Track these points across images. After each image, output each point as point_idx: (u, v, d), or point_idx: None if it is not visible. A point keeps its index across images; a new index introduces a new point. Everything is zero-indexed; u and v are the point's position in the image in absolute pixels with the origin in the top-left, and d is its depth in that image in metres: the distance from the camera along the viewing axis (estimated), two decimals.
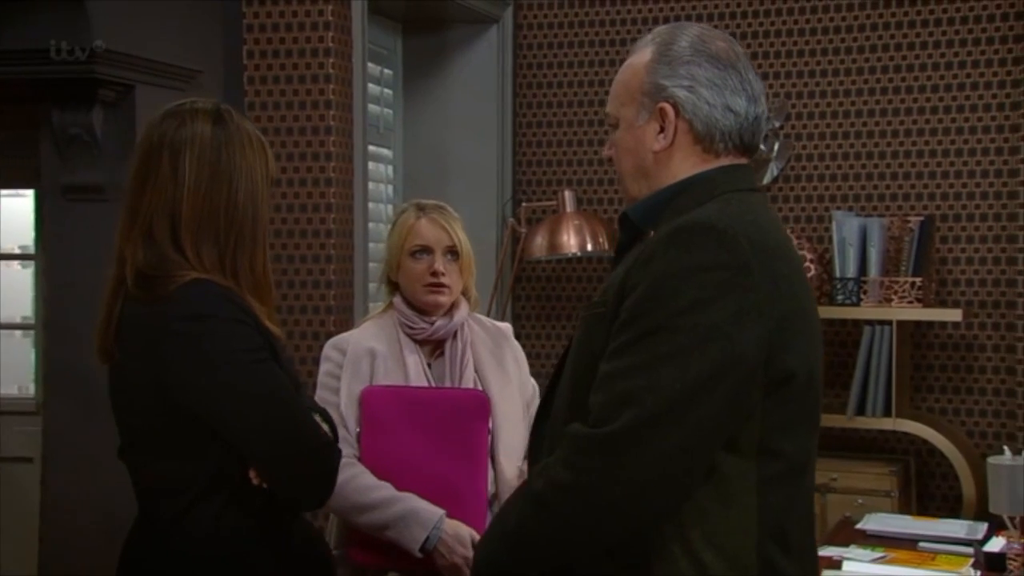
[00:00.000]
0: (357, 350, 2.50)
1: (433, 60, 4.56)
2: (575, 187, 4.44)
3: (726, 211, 1.55)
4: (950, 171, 4.11)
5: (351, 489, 2.37)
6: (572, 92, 4.54)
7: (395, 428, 2.44)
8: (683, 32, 1.66)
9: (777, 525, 1.53)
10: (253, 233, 1.88)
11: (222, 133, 1.87)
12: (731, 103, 1.62)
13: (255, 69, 3.56)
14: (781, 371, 1.50)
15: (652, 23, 4.41)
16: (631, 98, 1.66)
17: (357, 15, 3.59)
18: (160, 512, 1.87)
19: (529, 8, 4.59)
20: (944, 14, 4.10)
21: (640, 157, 1.66)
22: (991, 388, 4.09)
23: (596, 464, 1.46)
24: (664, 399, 1.44)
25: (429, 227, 2.53)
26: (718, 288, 1.46)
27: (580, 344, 1.63)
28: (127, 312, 1.85)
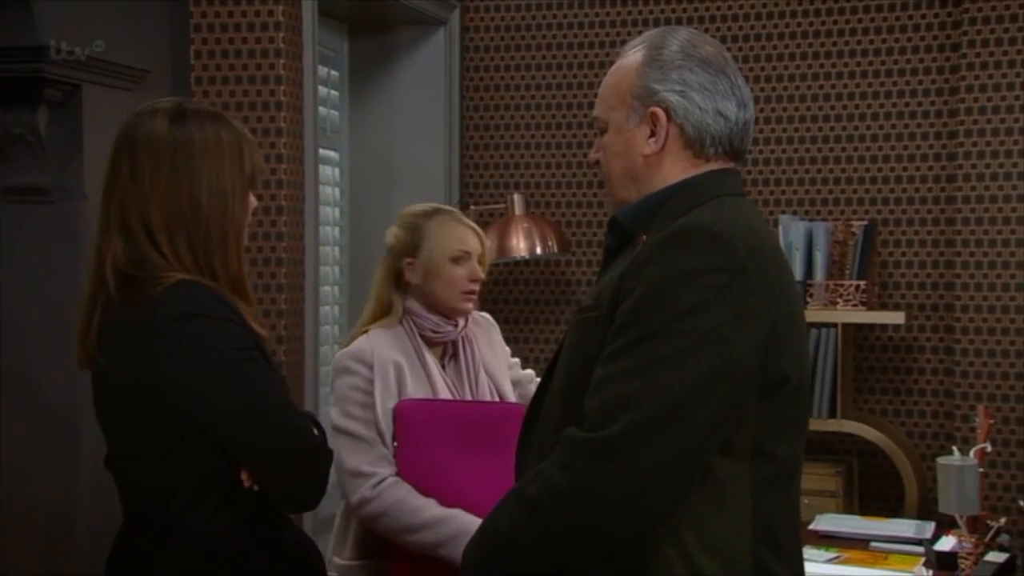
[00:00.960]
0: (383, 363, 2.44)
1: (380, 62, 4.53)
2: (524, 190, 4.45)
3: (720, 215, 1.56)
4: (891, 176, 4.19)
5: (403, 510, 2.35)
6: (520, 95, 4.54)
7: (433, 442, 2.39)
8: (673, 36, 1.66)
9: (769, 528, 1.55)
10: (223, 232, 1.84)
11: (179, 131, 1.83)
12: (722, 108, 1.63)
13: (203, 70, 3.50)
14: (775, 374, 1.52)
15: (599, 27, 4.44)
16: (621, 101, 1.66)
17: (308, 16, 3.55)
18: (151, 517, 1.84)
19: (476, 11, 4.59)
20: (884, 22, 4.18)
21: (630, 161, 1.66)
22: (930, 389, 4.18)
23: (593, 468, 1.45)
24: (662, 403, 1.44)
25: (468, 232, 2.52)
26: (715, 292, 1.47)
27: (572, 349, 1.62)
28: (111, 316, 1.81)
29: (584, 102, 4.47)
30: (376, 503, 2.38)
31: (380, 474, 2.39)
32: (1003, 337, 3.98)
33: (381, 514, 2.38)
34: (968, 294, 4.02)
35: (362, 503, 2.39)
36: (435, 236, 2.51)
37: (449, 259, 2.49)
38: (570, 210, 4.51)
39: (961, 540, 2.70)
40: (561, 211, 4.50)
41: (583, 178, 4.50)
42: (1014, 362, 3.97)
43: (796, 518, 1.66)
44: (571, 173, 4.51)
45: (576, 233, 4.49)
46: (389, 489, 2.38)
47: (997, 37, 3.97)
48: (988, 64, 3.99)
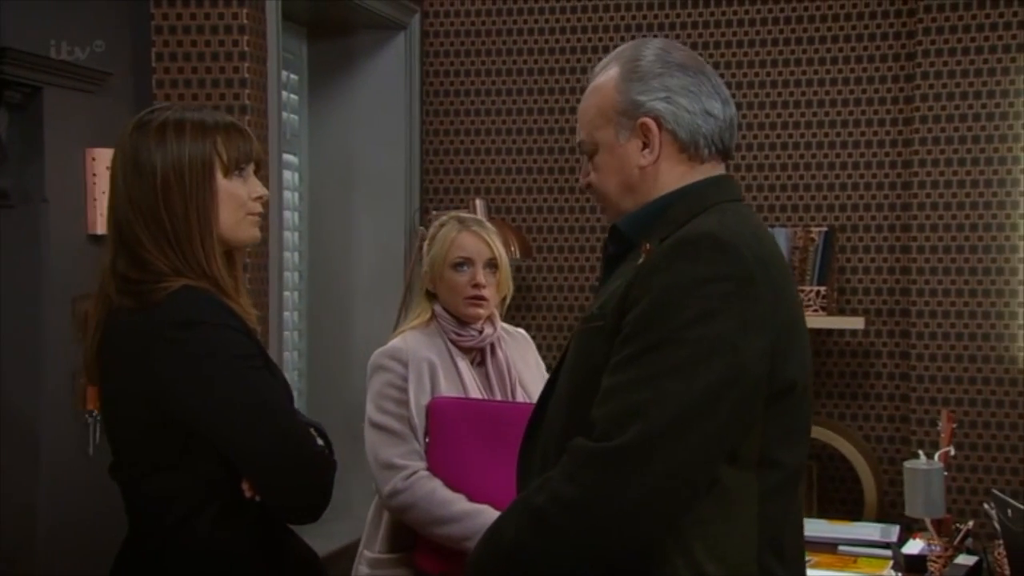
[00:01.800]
0: (417, 361, 2.51)
1: (339, 66, 4.50)
2: (485, 195, 4.44)
3: (726, 222, 1.56)
4: (848, 183, 4.25)
5: (432, 502, 2.42)
6: (480, 100, 4.54)
7: (466, 440, 2.45)
8: (645, 46, 1.67)
9: (775, 535, 1.55)
10: (187, 222, 1.80)
11: (139, 129, 1.84)
12: (708, 107, 1.63)
13: (165, 72, 3.45)
14: (782, 381, 1.52)
15: (559, 33, 4.45)
16: (606, 120, 1.66)
17: (271, 19, 3.51)
18: (153, 525, 1.82)
19: (436, 16, 4.57)
20: (841, 31, 4.24)
21: (626, 175, 1.66)
22: (887, 394, 4.24)
23: (602, 478, 1.44)
24: (670, 412, 1.43)
25: (471, 239, 2.57)
26: (723, 300, 1.47)
27: (577, 359, 1.61)
28: (113, 323, 1.79)
29: (544, 107, 4.48)
30: (407, 494, 2.43)
31: (412, 467, 2.45)
32: (957, 342, 4.05)
33: (411, 505, 2.44)
34: (924, 299, 4.09)
35: (393, 494, 2.45)
36: (438, 244, 2.60)
37: (449, 266, 2.56)
38: (531, 215, 4.51)
39: (930, 543, 2.73)
40: (522, 216, 4.50)
41: (544, 184, 4.50)
42: (967, 367, 4.05)
43: (800, 524, 1.67)
44: (532, 179, 4.51)
45: (537, 239, 4.49)
46: (420, 482, 2.44)
47: (951, 47, 4.04)
48: (942, 73, 4.06)
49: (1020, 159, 3.99)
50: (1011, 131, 4.00)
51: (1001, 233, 4.03)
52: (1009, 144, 4.01)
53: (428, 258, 2.62)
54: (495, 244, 2.59)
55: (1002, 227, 4.03)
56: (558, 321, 4.50)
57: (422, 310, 2.63)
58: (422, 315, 2.62)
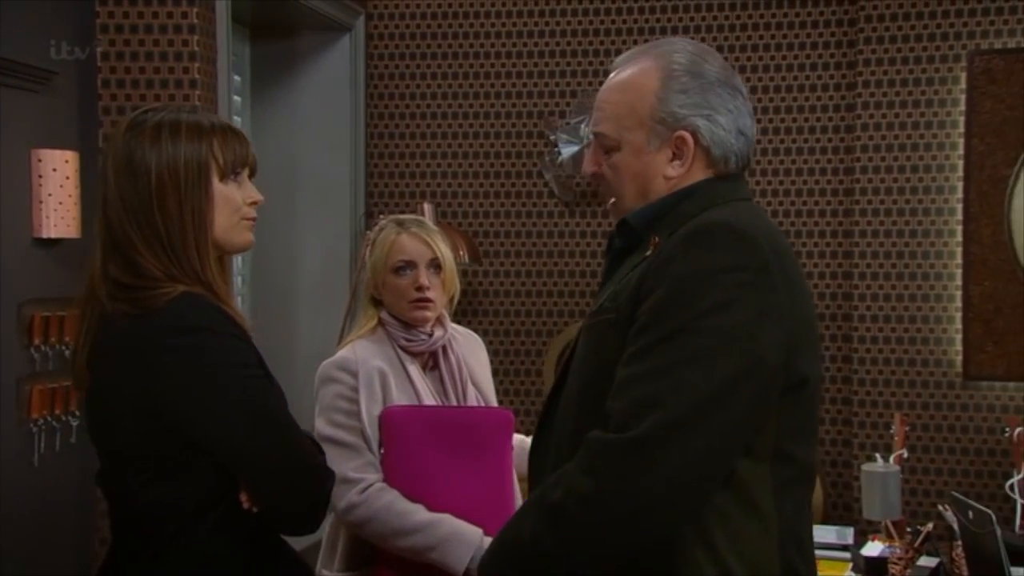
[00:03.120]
0: (368, 370, 2.44)
1: (283, 67, 4.43)
2: (432, 199, 4.41)
3: (739, 214, 1.56)
4: (791, 189, 4.31)
5: (391, 514, 2.35)
6: (427, 104, 4.51)
7: (421, 448, 2.40)
8: (680, 52, 1.64)
9: (793, 530, 1.54)
10: (182, 224, 1.75)
11: (133, 130, 1.79)
12: (742, 126, 1.64)
13: (111, 72, 3.35)
14: (796, 374, 1.51)
15: (505, 37, 4.44)
16: (639, 123, 1.63)
17: (221, 19, 3.44)
18: (146, 537, 1.76)
19: (380, 18, 4.53)
20: (784, 39, 4.30)
21: (647, 180, 1.64)
22: (828, 397, 4.30)
23: (620, 470, 1.41)
24: (688, 402, 1.41)
25: (411, 242, 2.51)
26: (740, 289, 1.46)
27: (587, 352, 1.59)
28: (107, 330, 1.74)
29: (491, 111, 4.46)
30: (363, 508, 2.36)
31: (367, 480, 2.38)
32: (898, 346, 4.13)
33: (369, 519, 2.37)
34: (865, 304, 4.16)
35: (349, 508, 2.37)
36: (378, 248, 2.54)
37: (391, 270, 2.50)
38: (477, 220, 4.49)
39: (890, 545, 2.78)
40: (468, 221, 4.48)
41: (491, 188, 4.48)
42: (907, 370, 4.13)
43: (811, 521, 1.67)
44: (479, 183, 4.49)
45: (484, 243, 4.47)
46: (376, 494, 2.38)
47: (891, 57, 4.13)
48: (883, 82, 4.14)
49: (958, 167, 4.09)
50: (948, 139, 4.10)
51: (940, 239, 4.12)
52: (947, 152, 4.10)
53: (369, 264, 2.56)
54: (436, 244, 2.54)
55: (940, 233, 4.12)
56: (504, 326, 4.48)
57: (368, 318, 2.57)
58: (368, 323, 2.56)
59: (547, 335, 4.45)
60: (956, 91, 4.09)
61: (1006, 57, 4.01)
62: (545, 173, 4.42)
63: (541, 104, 4.43)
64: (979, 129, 4.04)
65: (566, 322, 4.42)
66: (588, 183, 4.38)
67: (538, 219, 4.45)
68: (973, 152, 4.05)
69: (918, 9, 4.10)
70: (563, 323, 4.43)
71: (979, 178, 4.04)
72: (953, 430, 4.10)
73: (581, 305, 4.44)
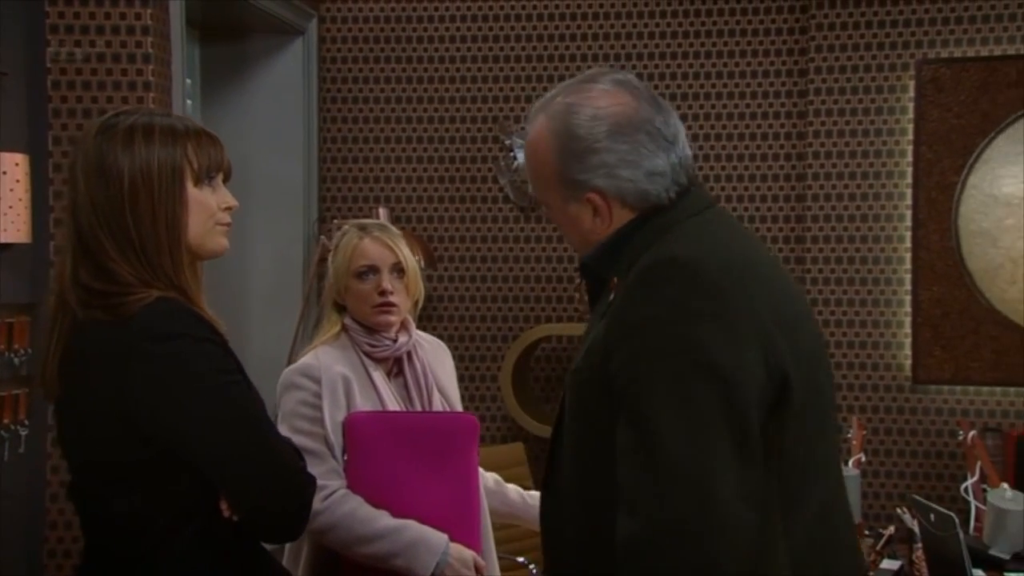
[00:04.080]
0: (331, 376, 2.41)
1: (234, 70, 4.37)
2: (387, 204, 4.38)
3: (687, 241, 1.54)
4: (744, 195, 4.34)
5: (354, 521, 2.32)
6: (380, 108, 4.47)
7: (385, 454, 2.37)
8: (578, 109, 1.60)
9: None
10: (155, 228, 1.72)
11: (105, 133, 1.75)
12: (651, 167, 1.59)
13: (61, 73, 3.28)
14: (778, 386, 1.48)
15: (460, 41, 4.42)
16: (549, 185, 1.63)
17: (175, 21, 3.38)
18: (123, 549, 1.71)
19: (333, 21, 4.49)
20: (737, 47, 4.33)
21: (581, 231, 1.64)
22: None
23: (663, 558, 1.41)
24: (687, 480, 1.40)
25: (373, 246, 2.48)
26: (697, 323, 1.44)
27: (574, 414, 1.58)
28: (80, 337, 1.69)
29: (446, 116, 4.44)
30: (326, 515, 2.32)
31: (331, 486, 2.35)
32: (849, 350, 4.19)
33: (332, 526, 2.33)
34: (816, 309, 4.20)
35: (312, 516, 2.31)
36: (340, 253, 2.51)
37: (353, 275, 2.48)
38: (432, 225, 4.47)
39: None
40: (423, 226, 4.45)
41: (445, 192, 4.46)
42: (859, 374, 4.18)
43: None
44: (433, 188, 4.47)
45: (439, 248, 4.45)
46: (339, 501, 2.34)
47: (842, 65, 4.18)
48: (834, 90, 4.19)
49: (907, 174, 4.15)
50: (898, 147, 4.16)
51: (889, 245, 4.18)
52: (896, 159, 4.17)
53: (332, 269, 2.53)
54: (399, 248, 2.52)
55: (890, 239, 4.18)
56: (460, 331, 4.46)
57: (332, 323, 2.54)
58: (332, 328, 2.53)
59: (502, 340, 4.43)
60: (905, 99, 4.15)
61: (953, 66, 4.08)
62: (500, 178, 4.41)
63: (496, 109, 4.42)
64: (927, 137, 4.11)
65: (521, 328, 4.41)
66: None
67: (493, 224, 4.44)
68: (921, 159, 4.11)
69: (867, 19, 4.16)
70: (519, 328, 4.42)
71: (927, 185, 4.11)
72: (903, 433, 4.16)
73: (536, 311, 4.43)
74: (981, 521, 3.05)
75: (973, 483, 3.09)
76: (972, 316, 4.07)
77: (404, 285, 2.49)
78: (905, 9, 4.13)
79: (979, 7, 4.07)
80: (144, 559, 1.70)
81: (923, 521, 2.61)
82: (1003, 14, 4.06)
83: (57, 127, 3.26)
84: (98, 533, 1.77)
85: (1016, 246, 4.02)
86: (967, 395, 4.12)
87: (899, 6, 4.14)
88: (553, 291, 4.43)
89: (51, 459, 3.24)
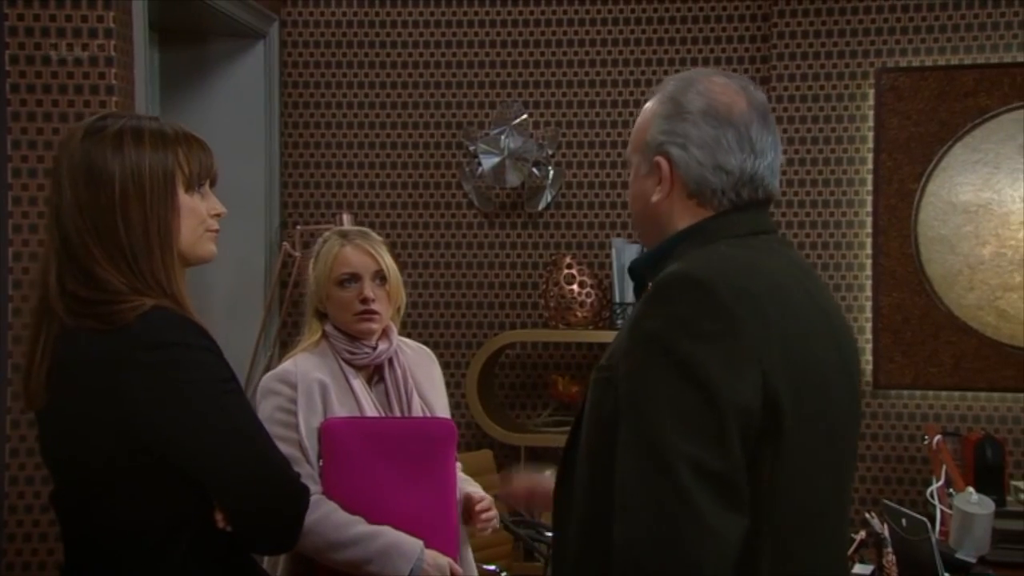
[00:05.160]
0: (307, 382, 2.40)
1: (193, 74, 4.31)
2: (351, 210, 4.34)
3: (710, 260, 1.55)
4: None
5: (328, 526, 2.29)
6: (342, 113, 4.44)
7: (361, 460, 2.36)
8: (693, 84, 1.65)
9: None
10: (147, 235, 1.69)
11: (91, 138, 1.71)
12: (723, 162, 1.61)
13: (20, 76, 3.22)
14: (773, 415, 1.47)
15: (423, 46, 4.40)
16: (638, 146, 1.69)
17: (138, 23, 3.32)
18: (115, 561, 1.68)
19: (295, 25, 4.45)
20: (700, 54, 4.36)
21: (643, 204, 1.68)
22: None
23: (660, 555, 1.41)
24: (676, 481, 1.42)
25: (355, 254, 2.48)
26: (700, 342, 1.45)
27: (591, 410, 1.59)
28: (71, 346, 1.65)
29: (409, 121, 4.42)
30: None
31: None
32: None
33: (306, 532, 2.29)
34: None
35: None
36: (322, 261, 2.52)
37: (335, 283, 2.48)
38: (395, 231, 4.44)
39: None
40: (387, 232, 4.42)
41: (408, 199, 4.44)
42: None
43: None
44: (396, 194, 4.44)
45: (403, 254, 4.42)
46: (313, 506, 2.31)
47: (802, 73, 4.22)
48: (795, 97, 4.23)
49: (867, 181, 4.20)
50: (858, 154, 4.21)
51: (850, 251, 4.22)
52: (857, 167, 4.21)
53: (313, 276, 2.53)
54: (381, 255, 2.52)
55: (851, 245, 4.22)
56: (424, 338, 4.42)
57: (312, 331, 2.53)
58: (312, 336, 2.52)
59: (467, 347, 4.42)
60: (865, 107, 4.20)
61: (911, 75, 4.13)
62: (465, 184, 4.39)
63: (460, 114, 4.41)
64: (887, 144, 4.15)
65: (486, 334, 4.39)
66: (508, 194, 4.37)
67: (457, 230, 4.42)
68: (881, 167, 4.16)
69: (828, 28, 4.21)
70: (483, 335, 4.40)
71: (887, 192, 4.16)
72: (863, 438, 4.19)
73: (500, 317, 4.42)
74: (947, 525, 3.08)
75: (939, 487, 3.12)
76: (932, 322, 4.12)
77: (386, 292, 2.49)
78: (865, 19, 4.18)
79: (936, 17, 4.13)
80: (136, 570, 1.67)
81: (894, 526, 2.63)
82: (960, 24, 4.12)
83: (16, 131, 3.19)
84: (84, 543, 1.73)
85: (974, 253, 4.07)
86: (927, 400, 4.17)
87: (859, 16, 4.18)
88: (518, 297, 4.42)
89: (9, 470, 3.18)
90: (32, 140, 3.19)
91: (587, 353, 4.38)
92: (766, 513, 1.48)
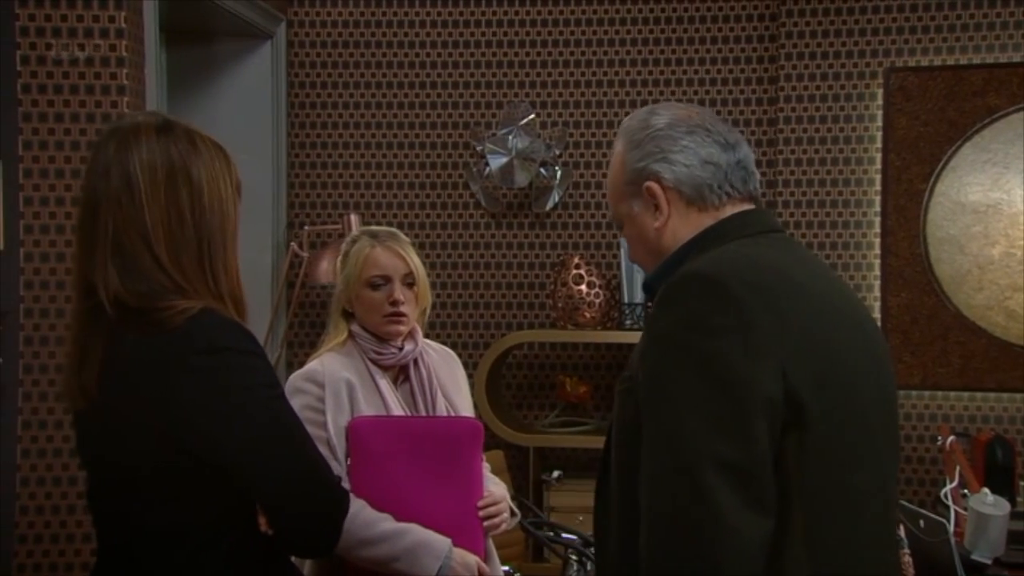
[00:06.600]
0: (335, 381, 2.41)
1: (201, 74, 4.30)
2: (358, 210, 4.33)
3: (720, 258, 1.55)
4: None
5: (356, 524, 2.29)
6: (349, 113, 4.43)
7: (388, 459, 2.37)
8: (646, 117, 1.71)
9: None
10: (223, 237, 1.71)
11: (169, 135, 1.71)
12: (706, 155, 1.65)
13: (31, 77, 3.20)
14: (795, 406, 1.46)
15: (431, 46, 4.39)
16: (619, 193, 1.71)
17: (149, 23, 3.31)
18: (155, 562, 1.67)
19: (302, 25, 4.44)
20: (707, 53, 4.35)
21: (647, 239, 1.69)
22: None
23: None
24: (701, 483, 1.42)
25: (386, 256, 2.49)
26: (717, 336, 1.46)
27: (617, 420, 1.61)
28: (123, 348, 1.64)
29: (416, 122, 4.41)
30: None
31: None
32: None
33: None
34: None
35: None
36: (352, 262, 2.52)
37: (365, 284, 2.49)
38: (402, 231, 4.38)
39: None
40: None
41: (415, 199, 4.43)
42: None
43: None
44: (404, 194, 4.43)
45: None
46: None
47: (811, 72, 4.21)
48: (803, 97, 4.22)
49: (875, 181, 4.19)
50: (867, 154, 4.20)
51: (859, 252, 4.22)
52: (865, 167, 4.21)
53: (342, 277, 2.53)
54: (411, 258, 2.53)
55: (859, 245, 4.22)
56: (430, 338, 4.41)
57: (339, 331, 2.54)
58: (339, 336, 2.53)
59: (474, 347, 4.41)
60: (873, 107, 4.19)
61: (920, 74, 4.13)
62: (472, 184, 4.38)
63: (467, 115, 4.40)
64: (895, 144, 4.15)
65: (493, 335, 4.39)
66: (515, 194, 4.36)
67: (464, 231, 4.41)
68: (890, 167, 4.16)
69: (836, 27, 4.20)
70: (491, 335, 4.39)
71: (896, 192, 4.16)
72: None
73: (508, 317, 4.41)
74: (961, 526, 3.07)
75: (953, 488, 3.11)
76: (940, 322, 4.11)
77: (414, 294, 2.50)
78: (873, 18, 4.18)
79: (945, 17, 4.13)
80: (177, 572, 1.66)
81: (910, 526, 2.62)
82: (968, 23, 4.11)
83: (28, 132, 3.18)
84: (119, 544, 1.73)
85: (983, 253, 4.07)
86: (935, 400, 4.16)
87: (867, 15, 4.18)
88: (525, 298, 4.42)
89: (21, 471, 3.17)
90: (43, 140, 3.18)
91: (595, 354, 4.38)
92: (795, 511, 1.46)
